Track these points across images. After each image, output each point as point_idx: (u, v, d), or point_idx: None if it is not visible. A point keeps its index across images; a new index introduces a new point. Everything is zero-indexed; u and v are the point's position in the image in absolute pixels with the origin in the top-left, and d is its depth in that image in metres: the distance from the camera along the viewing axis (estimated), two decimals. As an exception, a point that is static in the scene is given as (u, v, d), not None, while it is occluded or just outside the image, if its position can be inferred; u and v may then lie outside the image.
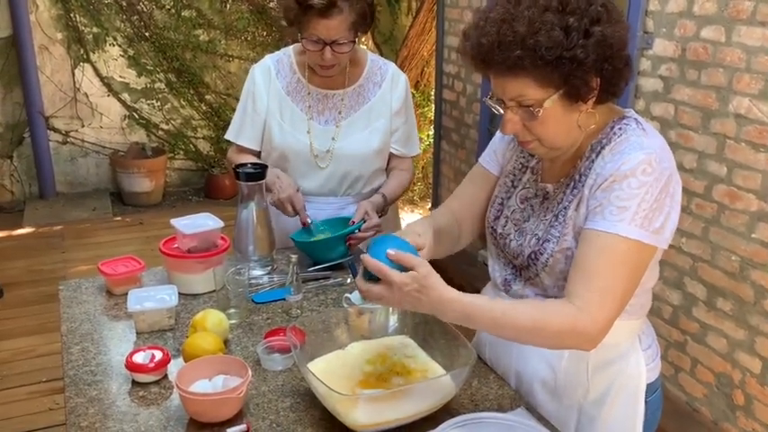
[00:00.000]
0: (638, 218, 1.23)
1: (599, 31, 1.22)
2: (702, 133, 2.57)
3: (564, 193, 1.37)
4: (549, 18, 1.21)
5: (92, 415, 1.36)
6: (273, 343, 1.54)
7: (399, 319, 1.57)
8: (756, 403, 2.46)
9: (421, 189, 5.55)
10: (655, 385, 1.46)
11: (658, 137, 1.33)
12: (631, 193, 1.24)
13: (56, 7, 5.26)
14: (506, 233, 1.46)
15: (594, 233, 1.26)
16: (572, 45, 1.20)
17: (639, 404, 1.42)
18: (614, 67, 1.25)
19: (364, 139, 2.12)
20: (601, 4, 1.24)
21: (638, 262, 1.27)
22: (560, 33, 1.20)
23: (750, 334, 2.46)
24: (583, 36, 1.21)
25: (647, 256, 1.28)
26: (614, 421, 1.41)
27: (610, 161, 1.28)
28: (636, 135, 1.30)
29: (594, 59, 1.22)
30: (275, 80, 2.12)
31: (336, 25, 1.91)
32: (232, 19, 5.70)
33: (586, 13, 1.22)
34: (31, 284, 4.12)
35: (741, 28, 2.37)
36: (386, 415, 1.28)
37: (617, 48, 1.24)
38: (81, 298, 1.84)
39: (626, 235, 1.24)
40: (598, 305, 1.24)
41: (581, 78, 1.23)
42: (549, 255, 1.35)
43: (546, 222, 1.38)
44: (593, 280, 1.25)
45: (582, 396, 1.43)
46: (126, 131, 5.69)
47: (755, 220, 2.39)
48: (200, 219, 1.93)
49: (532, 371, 1.47)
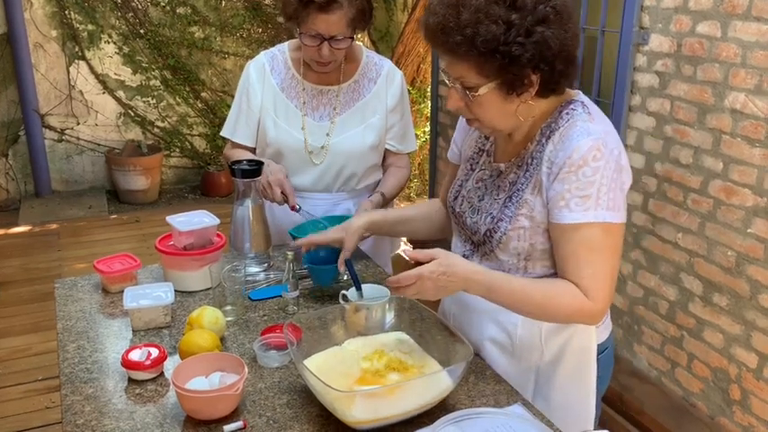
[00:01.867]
0: (601, 202, 1.31)
1: (541, 32, 1.26)
2: (698, 129, 2.57)
3: (515, 174, 1.45)
4: (494, 10, 1.26)
5: (88, 413, 1.35)
6: (270, 340, 1.54)
7: (396, 315, 1.57)
8: (752, 398, 2.46)
9: (417, 185, 5.55)
10: (605, 344, 1.55)
11: (604, 121, 1.39)
12: (588, 181, 1.31)
13: (50, 4, 5.25)
14: (462, 211, 1.56)
15: (568, 226, 1.34)
16: (509, 41, 1.26)
17: (591, 362, 1.50)
18: (553, 67, 1.30)
19: (359, 135, 2.12)
20: (552, 5, 1.29)
21: (614, 240, 1.36)
22: (501, 27, 1.25)
23: (746, 329, 2.46)
24: (524, 34, 1.26)
25: (619, 232, 1.36)
26: (569, 379, 1.50)
27: (561, 148, 1.35)
28: (582, 120, 1.36)
29: (530, 58, 1.27)
30: (270, 76, 2.12)
31: (336, 20, 1.91)
32: (227, 16, 5.69)
33: (533, 12, 1.27)
34: (27, 283, 4.11)
35: (737, 23, 2.37)
36: (383, 411, 1.28)
37: (558, 50, 1.29)
38: (77, 296, 1.83)
39: (596, 220, 1.32)
40: (598, 290, 1.34)
41: (516, 73, 1.29)
42: (502, 233, 1.44)
43: (500, 202, 1.46)
44: (582, 268, 1.34)
45: (538, 358, 1.51)
46: (121, 129, 5.67)
47: (751, 216, 2.40)
48: (196, 216, 1.92)
49: (491, 338, 1.54)
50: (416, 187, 5.56)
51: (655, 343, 2.88)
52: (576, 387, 1.50)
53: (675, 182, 2.69)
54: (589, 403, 1.52)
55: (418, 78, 5.51)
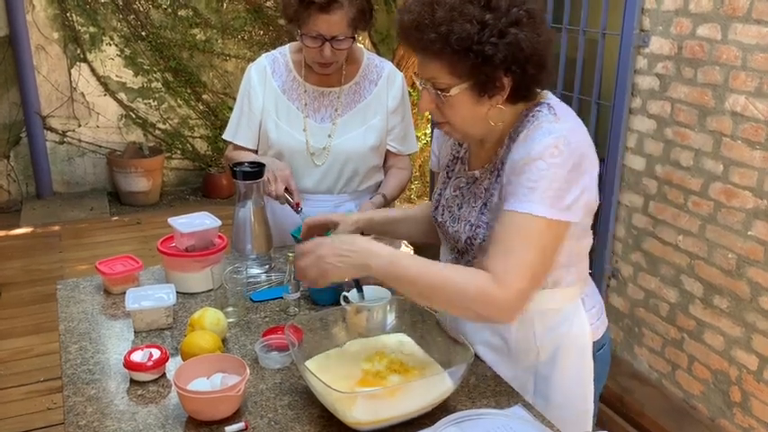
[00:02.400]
0: (546, 197, 1.29)
1: (514, 34, 1.27)
2: (699, 131, 2.58)
3: (489, 180, 1.45)
4: (468, 10, 1.27)
5: (90, 414, 1.36)
6: (271, 341, 1.54)
7: (397, 317, 1.57)
8: (753, 400, 2.46)
9: (418, 187, 5.56)
10: (601, 342, 1.56)
11: (569, 120, 1.37)
12: (539, 174, 1.30)
13: (52, 7, 5.26)
14: (444, 221, 1.56)
15: (508, 213, 1.33)
16: (483, 40, 1.26)
17: (588, 360, 1.51)
18: (524, 71, 1.31)
19: (360, 137, 2.13)
20: (525, 9, 1.29)
21: (549, 238, 1.32)
22: (475, 27, 1.26)
23: (746, 331, 2.46)
24: (497, 35, 1.27)
25: (558, 231, 1.33)
26: (567, 378, 1.50)
27: (522, 148, 1.35)
28: (547, 121, 1.35)
29: (503, 59, 1.28)
30: (271, 79, 2.13)
31: (337, 21, 1.91)
32: (229, 18, 5.70)
33: (507, 14, 1.28)
34: (29, 284, 4.12)
35: (737, 26, 2.38)
36: (384, 412, 1.28)
37: (530, 53, 1.29)
38: (79, 297, 1.84)
39: (535, 213, 1.30)
40: (512, 277, 1.28)
41: (488, 74, 1.30)
42: (481, 239, 1.44)
43: (477, 209, 1.47)
44: (508, 256, 1.30)
45: (534, 359, 1.51)
46: (123, 131, 5.68)
47: (752, 218, 2.40)
48: (197, 218, 1.93)
49: (485, 342, 1.55)
50: (417, 189, 5.56)
51: (655, 345, 2.88)
52: (575, 385, 1.51)
53: (676, 184, 2.69)
54: (588, 401, 1.52)
55: (419, 80, 5.51)
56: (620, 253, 3.03)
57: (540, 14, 1.32)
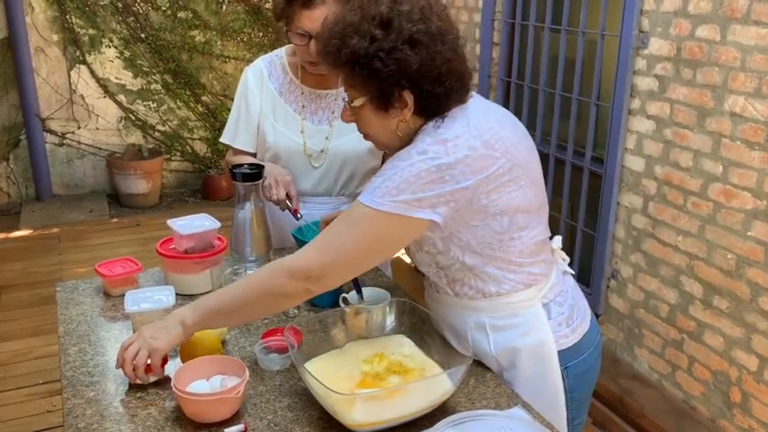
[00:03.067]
0: (380, 189, 1.31)
1: (402, 51, 1.30)
2: (698, 132, 2.58)
3: None
4: (364, 27, 1.32)
5: (89, 416, 1.36)
6: (271, 343, 1.54)
7: (396, 318, 1.57)
8: (753, 400, 2.46)
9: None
10: (576, 350, 1.51)
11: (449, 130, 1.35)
12: (382, 171, 1.34)
13: (51, 9, 5.26)
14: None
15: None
16: (369, 55, 1.31)
17: (553, 371, 1.48)
18: (420, 88, 1.33)
19: (358, 138, 2.10)
20: (425, 29, 1.31)
21: (370, 227, 1.33)
22: (364, 43, 1.31)
23: (746, 332, 2.46)
24: (386, 50, 1.30)
25: (391, 225, 1.32)
26: (530, 388, 1.48)
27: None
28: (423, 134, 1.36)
29: (390, 74, 1.31)
30: (267, 81, 2.13)
31: (320, 16, 1.90)
32: (228, 20, 5.70)
33: (400, 32, 1.31)
34: (28, 287, 4.12)
35: (736, 27, 2.38)
36: (383, 414, 1.28)
37: (422, 71, 1.32)
38: (78, 299, 1.84)
39: (365, 202, 1.32)
40: (313, 249, 1.36)
41: (382, 89, 1.34)
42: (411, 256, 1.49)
43: None
44: (324, 235, 1.38)
45: (496, 366, 1.51)
46: (122, 133, 5.68)
47: (751, 218, 2.40)
48: (197, 219, 1.92)
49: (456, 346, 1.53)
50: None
51: (655, 346, 2.88)
52: (540, 396, 1.47)
53: (675, 185, 2.69)
54: (557, 411, 1.48)
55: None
56: (619, 254, 3.03)
57: (444, 34, 1.34)
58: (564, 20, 3.20)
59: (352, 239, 1.34)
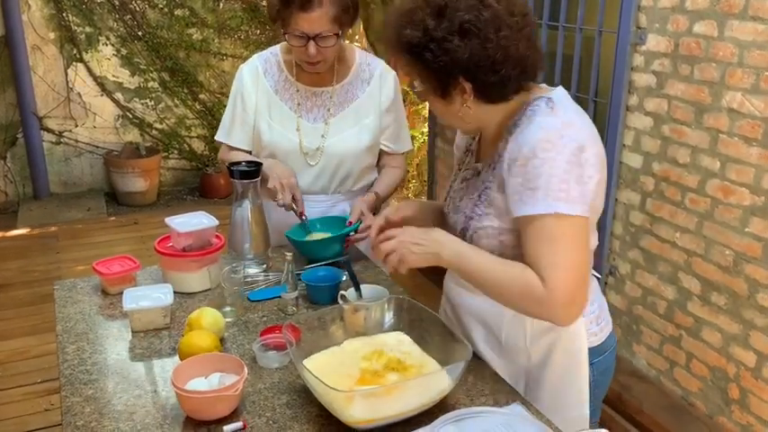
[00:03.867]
0: (551, 192, 1.29)
1: (452, 41, 1.30)
2: (696, 128, 2.58)
3: (487, 173, 1.46)
4: (418, 16, 1.32)
5: (88, 414, 1.36)
6: (269, 340, 1.54)
7: (395, 315, 1.57)
8: (751, 397, 2.47)
9: (416, 186, 5.55)
10: (602, 349, 1.53)
11: (567, 114, 1.35)
12: (536, 172, 1.30)
13: (48, 7, 5.25)
14: (448, 211, 1.58)
15: (522, 219, 1.34)
16: (422, 46, 1.31)
17: (582, 367, 1.48)
18: (475, 77, 1.33)
19: (354, 136, 2.12)
20: (474, 18, 1.29)
21: (572, 231, 1.31)
22: (417, 32, 1.32)
23: (744, 328, 2.47)
24: (437, 42, 1.30)
25: (577, 224, 1.32)
26: (559, 383, 1.49)
27: (514, 143, 1.35)
28: (541, 115, 1.35)
29: (443, 66, 1.31)
30: (263, 79, 2.12)
31: (318, 18, 1.90)
32: (225, 17, 5.69)
33: (453, 22, 1.30)
34: (26, 285, 4.11)
35: (733, 22, 2.38)
36: (382, 411, 1.28)
37: (475, 62, 1.31)
38: (76, 297, 1.83)
39: (547, 211, 1.29)
40: (552, 279, 1.30)
41: (436, 78, 1.35)
42: (472, 231, 1.45)
43: (473, 201, 1.48)
44: (540, 258, 1.32)
45: (526, 360, 1.51)
46: (120, 131, 5.67)
47: (749, 215, 2.40)
48: (194, 217, 1.92)
49: (480, 338, 1.56)
50: (415, 188, 5.56)
51: (653, 342, 2.89)
52: (567, 390, 1.49)
53: (673, 181, 2.69)
54: (582, 407, 1.50)
55: (416, 79, 5.51)
56: (617, 250, 3.04)
57: (500, 19, 1.31)
58: (561, 16, 3.19)
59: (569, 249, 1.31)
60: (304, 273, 1.84)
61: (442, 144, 4.54)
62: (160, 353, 1.58)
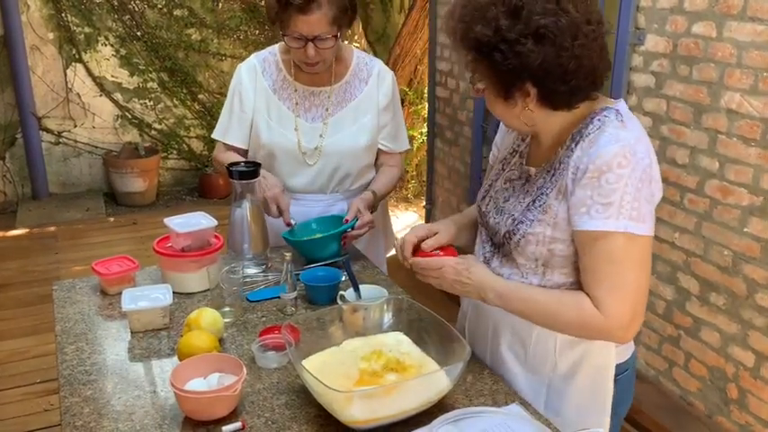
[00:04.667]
0: (624, 211, 1.26)
1: (524, 45, 1.24)
2: (694, 128, 2.58)
3: (543, 179, 1.41)
4: (491, 13, 1.26)
5: (87, 414, 1.36)
6: (268, 341, 1.54)
7: (394, 315, 1.57)
8: (750, 396, 2.47)
9: (415, 187, 5.56)
10: (625, 365, 1.51)
11: (636, 129, 1.33)
12: (611, 188, 1.26)
13: (47, 7, 5.25)
14: (487, 211, 1.53)
15: (587, 234, 1.30)
16: (492, 46, 1.26)
17: (608, 383, 1.45)
18: (542, 83, 1.28)
19: (352, 136, 2.13)
20: (550, 23, 1.23)
21: (638, 252, 1.29)
22: (488, 30, 1.26)
23: (743, 328, 2.47)
24: (509, 43, 1.25)
25: (644, 245, 1.30)
26: (582, 397, 1.45)
27: (585, 154, 1.31)
28: (613, 127, 1.31)
29: (512, 68, 1.27)
30: (261, 78, 2.12)
31: (316, 21, 1.91)
32: (224, 18, 5.69)
33: (527, 24, 1.24)
34: (25, 285, 4.11)
35: (732, 23, 2.38)
36: (381, 411, 1.28)
37: (546, 69, 1.26)
38: (75, 298, 1.83)
39: (617, 230, 1.26)
40: (609, 304, 1.29)
41: (501, 79, 1.30)
42: (521, 236, 1.40)
43: (523, 204, 1.43)
44: (599, 280, 1.30)
45: (551, 371, 1.47)
46: (119, 131, 5.67)
47: (747, 215, 2.41)
48: (193, 218, 1.92)
49: (505, 346, 1.52)
50: (414, 188, 5.56)
51: (652, 342, 2.89)
52: (590, 405, 1.45)
53: (672, 182, 2.69)
54: (602, 423, 1.46)
55: (415, 80, 5.52)
56: (616, 251, 3.04)
57: (578, 27, 1.25)
58: (560, 17, 3.20)
59: (634, 272, 1.29)
60: (303, 273, 1.84)
61: (442, 144, 4.54)
62: (159, 353, 1.58)
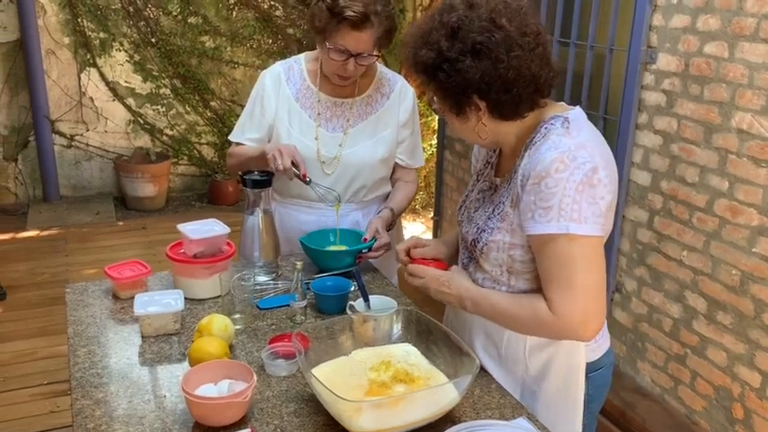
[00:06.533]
0: (564, 213, 1.31)
1: (463, 61, 1.33)
2: (704, 148, 2.59)
3: (503, 188, 1.48)
4: (433, 37, 1.36)
5: (98, 417, 1.37)
6: (278, 348, 1.55)
7: (403, 327, 1.59)
8: (755, 417, 2.47)
9: (423, 198, 5.57)
10: (599, 363, 1.55)
11: (581, 136, 1.37)
12: (550, 192, 1.32)
13: (63, 12, 5.30)
14: (461, 220, 1.61)
15: (534, 238, 1.37)
16: (436, 67, 1.35)
17: (578, 381, 1.49)
18: (487, 96, 1.36)
19: (370, 148, 2.14)
20: (485, 39, 1.32)
21: (583, 252, 1.34)
22: (431, 53, 1.35)
23: (750, 348, 2.47)
24: (450, 62, 1.34)
25: (588, 244, 1.34)
26: (554, 395, 1.50)
27: (529, 161, 1.38)
28: (555, 134, 1.37)
29: (456, 85, 1.35)
30: (285, 86, 2.14)
31: (366, 38, 1.93)
32: (238, 26, 5.73)
33: (464, 43, 1.33)
34: (34, 287, 4.13)
35: (744, 44, 2.39)
36: (389, 422, 1.29)
37: (487, 81, 1.33)
38: (87, 301, 1.85)
39: (559, 231, 1.32)
40: (559, 303, 1.35)
41: (449, 95, 1.38)
42: (483, 243, 1.48)
43: (487, 214, 1.50)
44: (550, 281, 1.37)
45: (523, 371, 1.53)
46: (130, 136, 5.71)
47: (756, 235, 2.41)
48: (206, 224, 1.94)
49: (480, 347, 1.58)
50: (422, 200, 5.57)
51: (658, 360, 2.89)
52: (562, 404, 1.50)
53: (681, 200, 2.70)
54: (575, 422, 1.51)
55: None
56: (624, 267, 3.04)
57: (512, 40, 1.33)
58: (573, 33, 3.21)
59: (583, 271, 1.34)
60: (313, 282, 1.85)
61: (451, 157, 4.56)
62: (170, 358, 1.59)
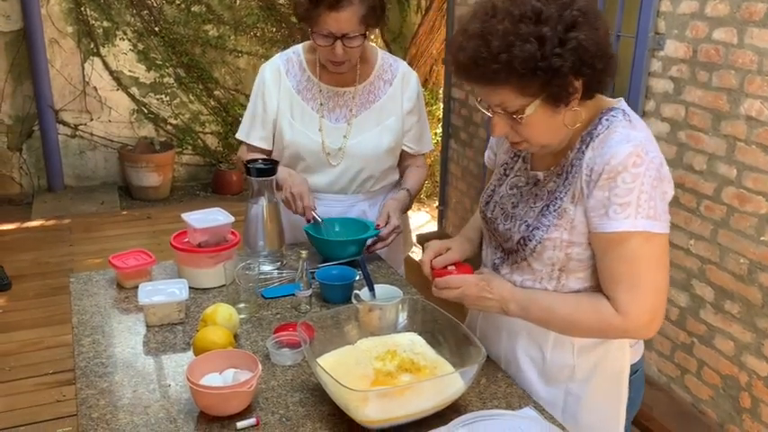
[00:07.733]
0: (641, 210, 1.27)
1: (574, 38, 1.23)
2: (713, 135, 2.57)
3: (555, 182, 1.41)
4: (522, 30, 1.23)
5: (102, 406, 1.37)
6: (283, 338, 1.55)
7: (409, 316, 1.58)
8: (763, 406, 2.45)
9: (428, 187, 5.55)
10: (637, 365, 1.51)
11: (644, 129, 1.35)
12: (627, 188, 1.27)
13: (67, 1, 5.28)
14: (494, 218, 1.52)
15: (608, 236, 1.31)
16: (547, 55, 1.23)
17: (623, 384, 1.46)
18: (594, 68, 1.27)
19: (375, 137, 2.13)
20: (577, 7, 1.25)
21: (655, 251, 1.31)
22: (534, 45, 1.22)
23: (757, 337, 2.45)
24: (558, 44, 1.23)
25: (660, 243, 1.31)
26: (599, 400, 1.46)
27: (599, 155, 1.32)
28: (622, 127, 1.33)
29: (571, 66, 1.24)
30: (285, 79, 2.12)
31: (347, 18, 1.91)
32: (242, 15, 5.71)
33: (561, 19, 1.24)
34: (39, 277, 4.14)
35: (753, 30, 2.36)
36: (395, 411, 1.29)
37: (595, 51, 1.25)
38: (92, 290, 1.85)
39: (635, 229, 1.28)
40: (627, 303, 1.31)
41: (559, 84, 1.26)
42: (537, 241, 1.40)
43: (536, 210, 1.43)
44: (617, 281, 1.32)
45: (568, 377, 1.47)
46: (135, 126, 5.70)
47: (764, 223, 2.39)
48: (211, 213, 1.93)
49: (522, 351, 1.51)
50: (427, 189, 5.56)
51: (665, 349, 2.88)
52: (607, 409, 1.45)
53: (689, 188, 2.68)
54: (619, 427, 1.46)
55: (431, 80, 5.51)
56: (630, 256, 3.02)
57: (593, 9, 1.28)
58: (579, 20, 3.19)
59: (653, 271, 1.31)
60: (318, 271, 1.84)
61: (456, 145, 4.54)
62: (174, 347, 1.59)
